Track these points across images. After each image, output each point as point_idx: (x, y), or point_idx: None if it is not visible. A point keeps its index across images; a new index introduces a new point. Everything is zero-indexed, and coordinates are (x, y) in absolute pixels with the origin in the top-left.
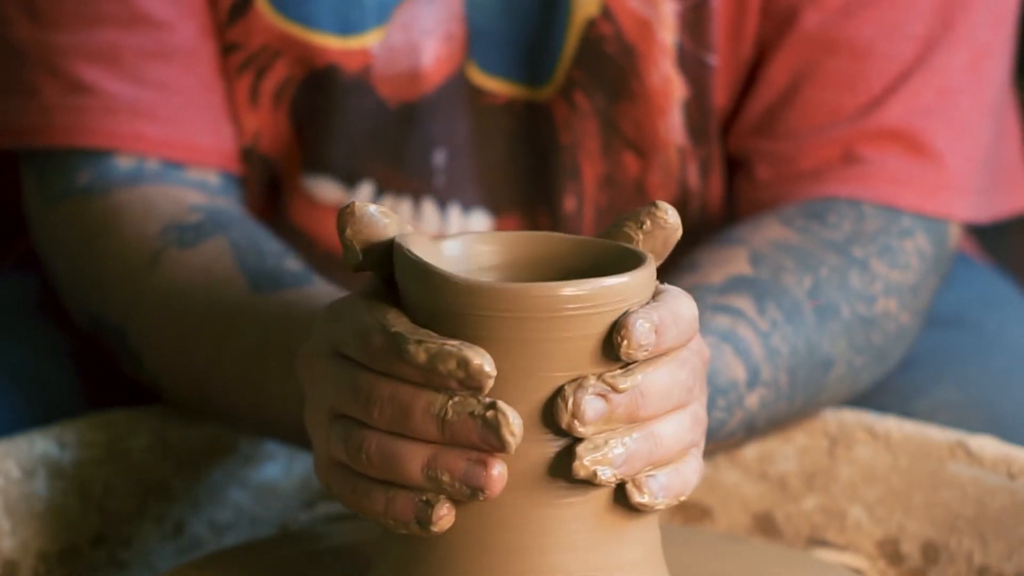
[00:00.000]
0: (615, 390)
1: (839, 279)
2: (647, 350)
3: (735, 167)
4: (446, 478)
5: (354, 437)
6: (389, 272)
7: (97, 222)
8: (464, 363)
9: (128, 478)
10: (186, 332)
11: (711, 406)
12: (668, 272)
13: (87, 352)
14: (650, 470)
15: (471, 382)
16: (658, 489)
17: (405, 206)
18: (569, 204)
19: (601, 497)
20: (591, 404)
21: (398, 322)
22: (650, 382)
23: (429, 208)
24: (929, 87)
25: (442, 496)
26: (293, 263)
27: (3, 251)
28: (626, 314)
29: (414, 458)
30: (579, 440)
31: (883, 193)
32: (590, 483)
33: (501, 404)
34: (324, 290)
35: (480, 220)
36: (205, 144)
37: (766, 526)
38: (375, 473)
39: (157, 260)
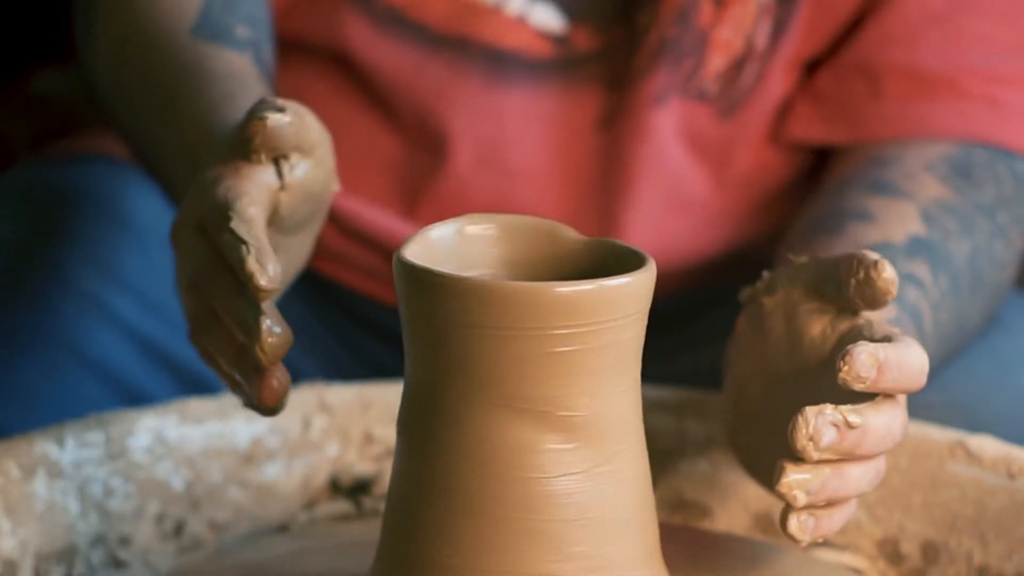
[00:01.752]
0: (848, 424)
1: (988, 247)
2: (863, 383)
3: (848, 74)
4: (238, 377)
5: (198, 311)
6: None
7: None
8: (240, 263)
9: (128, 478)
10: (131, 46)
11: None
12: (836, 216)
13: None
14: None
15: (247, 285)
16: (811, 528)
17: None
18: (642, 20)
19: None
20: (828, 431)
21: (240, 207)
22: (874, 424)
23: None
24: None
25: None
26: (246, 31)
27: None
28: (857, 343)
29: (221, 347)
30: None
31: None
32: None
33: (262, 318)
34: (240, 64)
35: (547, 16)
36: None
37: (766, 526)
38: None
39: None
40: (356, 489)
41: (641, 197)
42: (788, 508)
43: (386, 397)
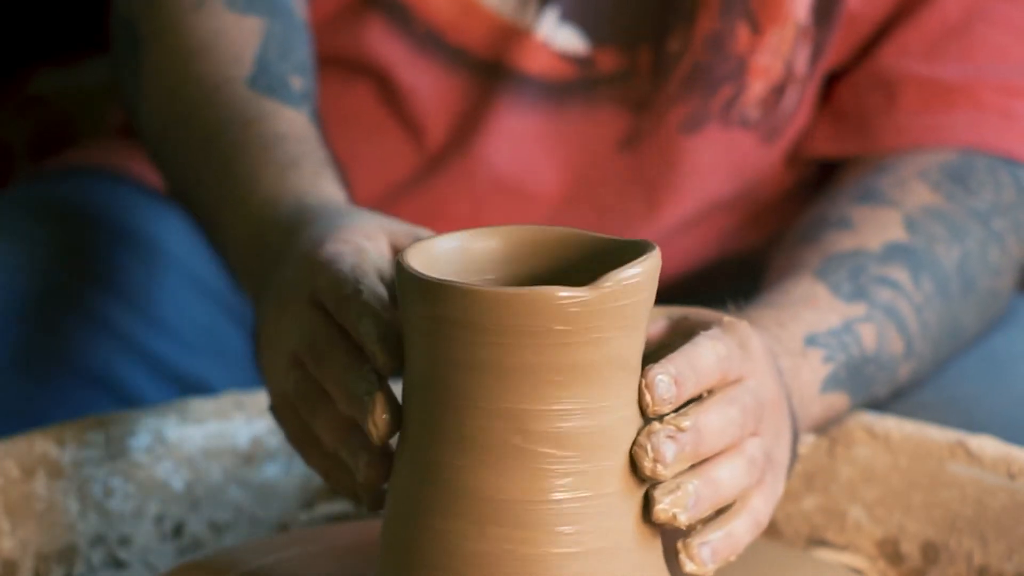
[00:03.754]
0: (679, 429)
1: (981, 252)
2: (671, 403)
3: (869, 86)
4: (343, 453)
5: (303, 387)
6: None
7: None
8: (369, 337)
9: (128, 478)
10: (182, 90)
11: (872, 383)
12: (816, 225)
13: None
14: (711, 520)
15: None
16: (708, 556)
17: None
18: (673, 46)
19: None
20: (668, 446)
21: (371, 283)
22: (704, 421)
23: (532, 5)
24: None
25: (360, 462)
26: (300, 81)
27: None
28: (647, 369)
29: (327, 424)
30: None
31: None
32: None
33: (379, 394)
34: (301, 123)
35: (570, 39)
36: None
37: (766, 526)
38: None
39: (203, 3)
40: None
41: (662, 220)
42: (677, 552)
43: None
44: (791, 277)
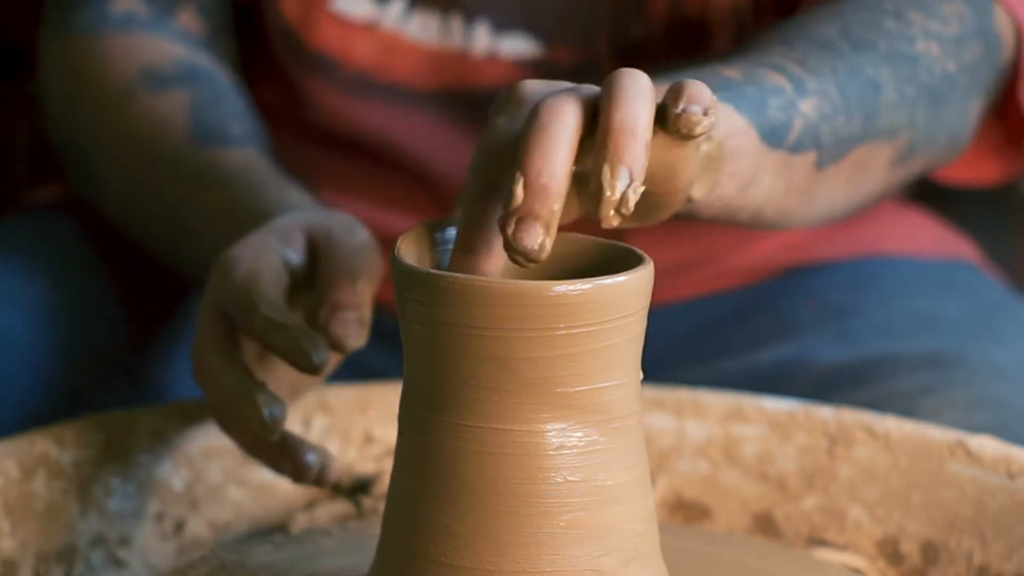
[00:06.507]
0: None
1: (871, 23)
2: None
3: None
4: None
5: (209, 398)
6: None
7: (85, 59)
8: (289, 347)
9: (128, 478)
10: (135, 170)
11: (763, 105)
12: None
13: (129, 284)
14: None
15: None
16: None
17: (433, 23)
18: (634, 29)
19: None
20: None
21: (265, 292)
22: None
23: (456, 26)
24: None
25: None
26: (238, 126)
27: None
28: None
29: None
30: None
31: None
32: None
33: (257, 398)
34: (247, 156)
35: (519, 45)
36: None
37: (766, 526)
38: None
39: (127, 98)
40: (356, 489)
41: None
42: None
43: (386, 397)
44: None
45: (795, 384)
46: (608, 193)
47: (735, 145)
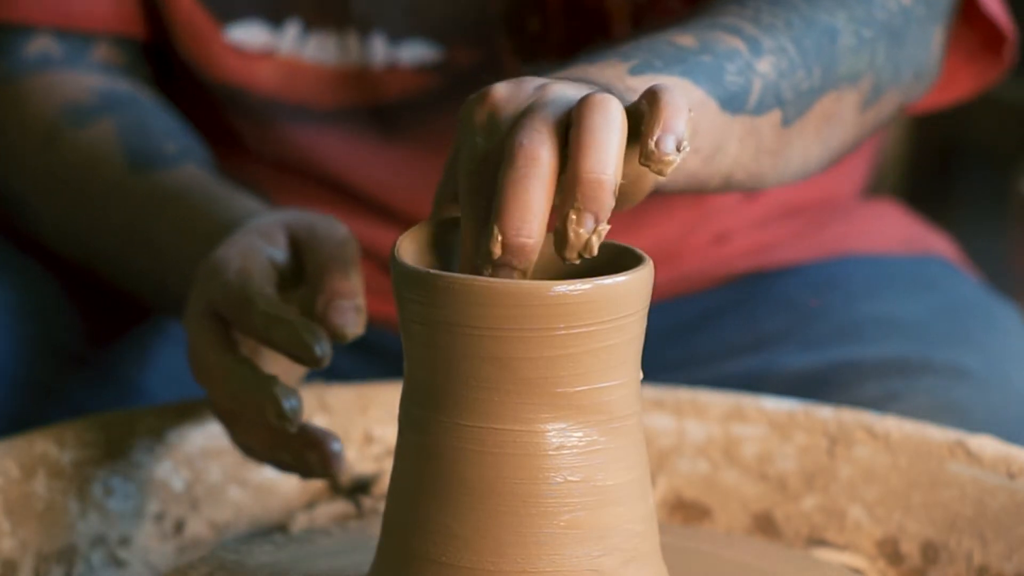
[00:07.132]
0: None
1: None
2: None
3: None
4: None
5: (215, 401)
6: None
7: (3, 107)
8: (289, 340)
9: (128, 478)
10: (73, 204)
11: (720, 72)
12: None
13: (82, 280)
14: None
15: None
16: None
17: (330, 43)
18: (533, 25)
19: None
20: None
21: (259, 290)
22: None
23: (353, 43)
24: None
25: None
26: (172, 145)
27: None
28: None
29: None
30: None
31: None
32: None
33: (272, 390)
34: (190, 173)
35: (418, 52)
36: (100, 11)
37: (766, 526)
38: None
39: (52, 137)
40: (356, 489)
41: None
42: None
43: (386, 397)
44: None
45: (763, 392)
46: (573, 238)
47: (695, 119)
